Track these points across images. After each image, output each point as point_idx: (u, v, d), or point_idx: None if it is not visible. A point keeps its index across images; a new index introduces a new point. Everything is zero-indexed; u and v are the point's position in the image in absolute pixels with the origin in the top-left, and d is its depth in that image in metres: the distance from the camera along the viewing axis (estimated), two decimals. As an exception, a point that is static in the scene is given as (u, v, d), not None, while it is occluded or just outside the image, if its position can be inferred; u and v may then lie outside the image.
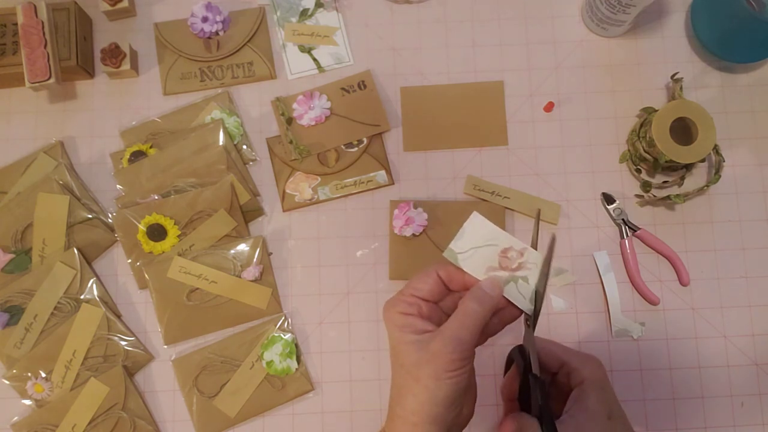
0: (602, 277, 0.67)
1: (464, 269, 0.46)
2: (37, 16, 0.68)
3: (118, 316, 0.68)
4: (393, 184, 0.71)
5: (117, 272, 0.69)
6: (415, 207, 0.68)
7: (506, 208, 0.69)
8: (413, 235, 0.68)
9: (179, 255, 0.67)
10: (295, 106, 0.71)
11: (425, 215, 0.68)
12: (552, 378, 0.50)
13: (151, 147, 0.70)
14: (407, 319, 0.45)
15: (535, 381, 0.47)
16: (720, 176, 0.68)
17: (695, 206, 0.69)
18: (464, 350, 0.43)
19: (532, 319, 0.48)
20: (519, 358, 0.49)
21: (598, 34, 0.74)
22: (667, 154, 0.65)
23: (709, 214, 0.69)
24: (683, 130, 0.67)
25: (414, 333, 0.45)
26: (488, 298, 0.45)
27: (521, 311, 0.47)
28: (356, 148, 0.71)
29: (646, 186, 0.69)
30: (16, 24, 0.68)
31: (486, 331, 0.47)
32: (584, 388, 0.48)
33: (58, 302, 0.67)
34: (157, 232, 0.68)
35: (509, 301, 0.46)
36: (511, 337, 0.66)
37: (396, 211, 0.68)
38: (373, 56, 0.74)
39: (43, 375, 0.65)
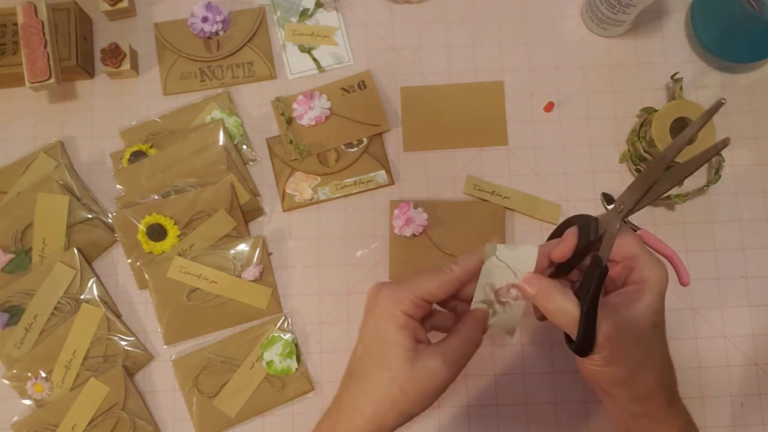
0: (602, 277, 0.67)
1: (483, 268, 0.45)
2: (37, 16, 0.68)
3: (118, 316, 0.68)
4: (393, 184, 0.71)
5: (117, 272, 0.69)
6: (415, 207, 0.68)
7: (506, 208, 0.69)
8: (413, 235, 0.68)
9: (179, 255, 0.67)
10: (295, 106, 0.71)
11: (425, 215, 0.68)
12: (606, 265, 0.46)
13: (151, 147, 0.70)
14: (410, 322, 0.43)
15: (598, 267, 0.44)
16: (720, 176, 0.68)
17: (695, 206, 0.69)
18: (457, 374, 0.43)
19: (624, 212, 0.46)
20: (587, 230, 0.46)
21: (598, 34, 0.74)
22: (667, 154, 0.64)
23: (709, 214, 0.69)
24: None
25: (413, 340, 0.43)
26: (482, 327, 0.46)
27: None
28: (356, 148, 0.71)
29: (646, 186, 0.69)
30: (16, 24, 0.68)
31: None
32: (642, 288, 0.45)
33: (58, 302, 0.67)
34: (157, 232, 0.68)
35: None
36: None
37: (396, 211, 0.68)
38: (373, 56, 0.74)
39: (43, 375, 0.65)
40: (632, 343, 0.43)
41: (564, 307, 0.43)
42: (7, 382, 0.66)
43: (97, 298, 0.67)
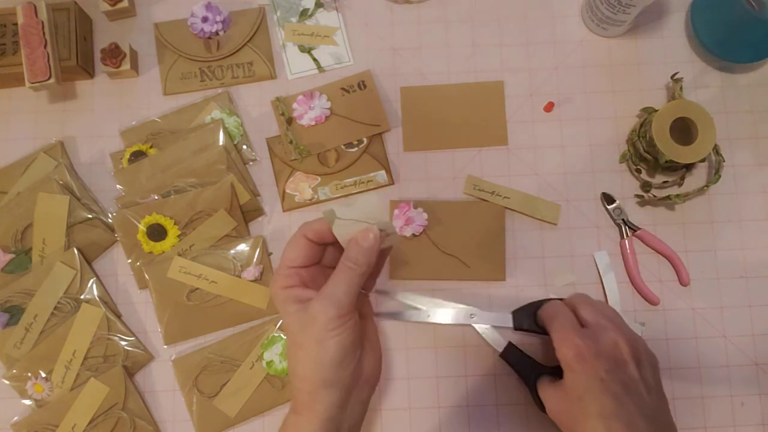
0: (602, 277, 0.67)
1: (335, 233, 0.46)
2: (37, 16, 0.68)
3: (118, 316, 0.68)
4: (393, 184, 0.71)
5: (117, 272, 0.69)
6: (415, 207, 0.68)
7: (506, 208, 0.69)
8: (413, 235, 0.68)
9: (179, 255, 0.67)
10: (295, 106, 0.71)
11: (425, 215, 0.68)
12: None
13: (151, 147, 0.70)
14: (288, 292, 0.46)
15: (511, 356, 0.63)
16: (720, 176, 0.68)
17: (695, 206, 0.69)
18: (342, 307, 0.44)
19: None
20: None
21: (598, 34, 0.74)
22: (667, 154, 0.65)
23: (709, 214, 0.69)
24: (683, 130, 0.67)
25: (295, 303, 0.45)
26: (363, 252, 0.45)
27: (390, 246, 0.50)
28: (356, 148, 0.71)
29: (646, 186, 0.69)
30: (16, 24, 0.68)
31: (372, 275, 0.50)
32: (561, 365, 0.50)
33: (58, 302, 0.67)
34: (157, 232, 0.68)
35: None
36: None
37: (396, 211, 0.68)
38: (373, 56, 0.74)
39: (43, 375, 0.65)
40: (563, 415, 0.51)
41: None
42: (7, 382, 0.66)
43: (97, 298, 0.67)
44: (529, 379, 0.60)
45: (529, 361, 0.62)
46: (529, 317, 0.63)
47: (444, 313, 0.66)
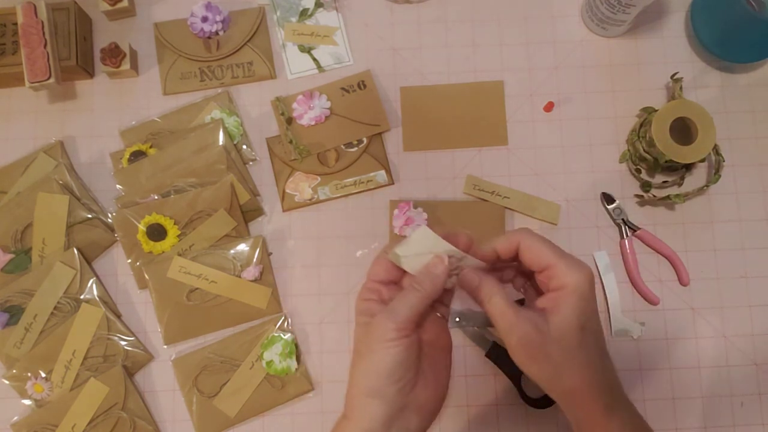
0: (602, 277, 0.67)
1: (407, 270, 0.48)
2: (37, 16, 0.68)
3: (118, 316, 0.68)
4: (393, 184, 0.71)
5: (117, 272, 0.69)
6: (415, 207, 0.68)
7: (506, 208, 0.69)
8: (413, 235, 0.68)
9: (179, 255, 0.67)
10: (295, 105, 0.71)
11: (425, 215, 0.68)
12: (531, 276, 0.50)
13: (151, 147, 0.70)
14: (365, 304, 0.47)
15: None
16: (720, 176, 0.68)
17: (695, 206, 0.69)
18: (400, 322, 0.45)
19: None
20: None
21: (598, 34, 0.74)
22: (667, 154, 0.65)
23: (709, 214, 0.69)
24: (683, 130, 0.67)
25: (367, 316, 0.46)
26: (430, 277, 0.47)
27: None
28: (356, 148, 0.71)
29: (646, 186, 0.69)
30: (16, 24, 0.68)
31: (442, 301, 0.50)
32: (563, 294, 0.47)
33: (58, 302, 0.67)
34: (157, 232, 0.68)
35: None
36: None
37: (396, 211, 0.68)
38: (373, 56, 0.74)
39: (43, 375, 0.65)
40: (554, 345, 0.46)
41: (502, 309, 0.47)
42: (7, 382, 0.66)
43: (97, 298, 0.67)
44: (515, 375, 0.60)
45: None
46: None
47: None
